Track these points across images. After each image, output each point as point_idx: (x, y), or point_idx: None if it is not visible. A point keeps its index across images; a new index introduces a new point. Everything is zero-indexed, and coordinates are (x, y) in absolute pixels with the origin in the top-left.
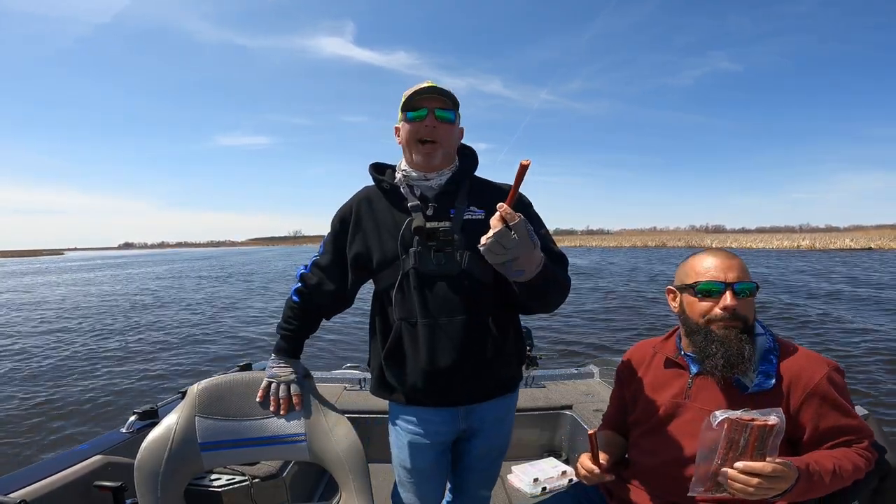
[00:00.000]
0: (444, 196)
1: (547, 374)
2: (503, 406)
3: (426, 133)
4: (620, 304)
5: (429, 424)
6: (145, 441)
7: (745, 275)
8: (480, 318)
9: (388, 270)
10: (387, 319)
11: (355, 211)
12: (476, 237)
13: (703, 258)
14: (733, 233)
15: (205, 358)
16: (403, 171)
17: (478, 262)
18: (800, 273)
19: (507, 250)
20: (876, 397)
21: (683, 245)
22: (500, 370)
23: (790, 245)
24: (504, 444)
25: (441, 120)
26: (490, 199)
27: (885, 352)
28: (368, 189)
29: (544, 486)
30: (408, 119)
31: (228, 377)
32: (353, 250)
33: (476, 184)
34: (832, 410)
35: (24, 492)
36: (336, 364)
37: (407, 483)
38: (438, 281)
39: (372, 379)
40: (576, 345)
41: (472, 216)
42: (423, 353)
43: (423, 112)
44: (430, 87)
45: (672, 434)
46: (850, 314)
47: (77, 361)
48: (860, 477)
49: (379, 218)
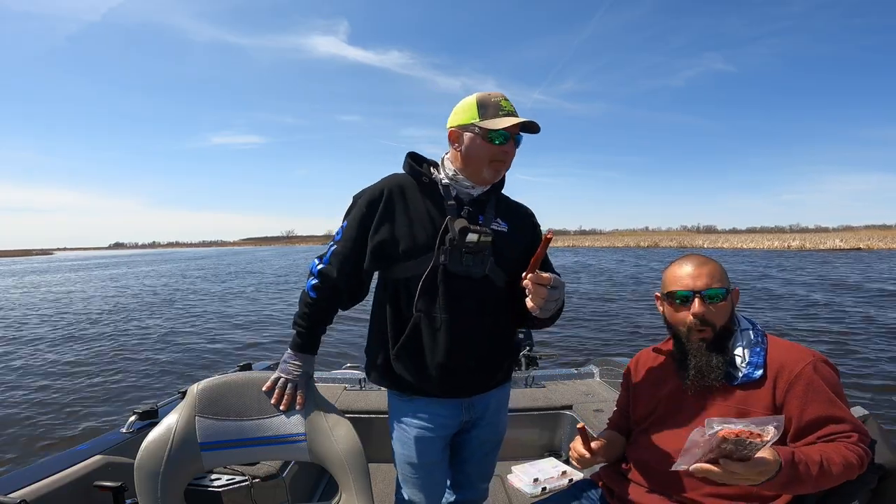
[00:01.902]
0: (477, 204)
1: (547, 374)
2: (502, 395)
3: (503, 157)
4: (621, 304)
5: (436, 417)
6: (145, 441)
7: (714, 281)
8: (496, 319)
9: (413, 262)
10: (401, 311)
11: (386, 196)
12: (500, 247)
13: (677, 266)
14: (724, 233)
15: (205, 358)
16: (452, 174)
17: (497, 271)
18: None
19: (556, 302)
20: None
21: (676, 245)
22: (504, 363)
23: (780, 245)
24: (501, 433)
25: (516, 145)
26: (513, 215)
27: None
28: (400, 177)
29: (544, 486)
30: (489, 139)
31: (229, 377)
32: (380, 236)
33: (501, 199)
34: (816, 399)
35: (24, 492)
36: (336, 364)
37: (412, 479)
38: (463, 281)
39: (372, 369)
40: (576, 345)
41: (498, 227)
42: (442, 348)
43: (506, 136)
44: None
45: (669, 429)
46: (854, 310)
47: (77, 361)
48: (851, 477)
49: (412, 208)
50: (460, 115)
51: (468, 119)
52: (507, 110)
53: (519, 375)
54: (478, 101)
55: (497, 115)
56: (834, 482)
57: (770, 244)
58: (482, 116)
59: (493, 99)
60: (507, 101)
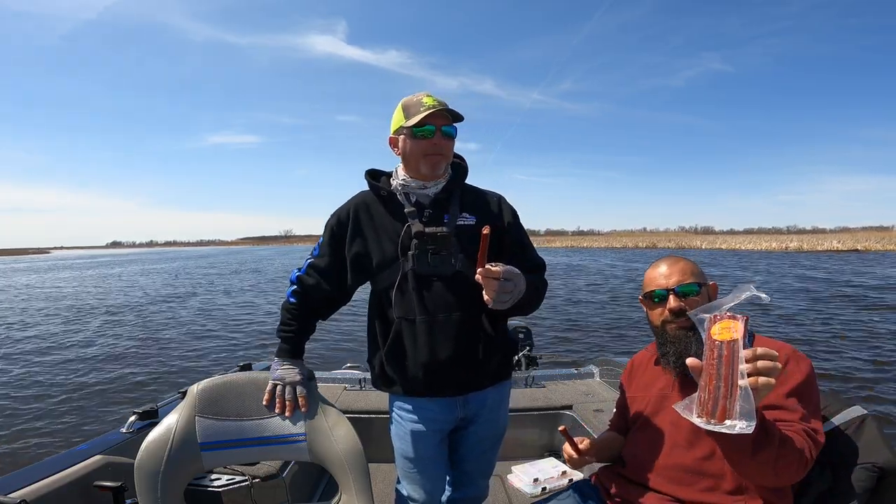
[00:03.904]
0: (438, 203)
1: (547, 374)
2: (499, 393)
3: (434, 150)
4: (621, 304)
5: (428, 412)
6: (145, 441)
7: (686, 276)
8: (473, 315)
9: (386, 272)
10: (386, 318)
11: (353, 215)
12: (468, 241)
13: (652, 268)
14: (722, 234)
15: (205, 358)
16: (403, 180)
17: (469, 265)
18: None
19: (510, 294)
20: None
21: (674, 246)
22: (492, 361)
23: (778, 247)
24: (500, 431)
25: (446, 137)
26: (480, 206)
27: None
28: (364, 194)
29: (544, 486)
30: (415, 136)
31: (228, 377)
32: (353, 252)
33: (467, 191)
34: (776, 389)
35: (24, 492)
36: (336, 364)
37: (410, 473)
38: (435, 281)
39: (372, 374)
40: (576, 345)
41: (464, 222)
42: (423, 348)
43: (430, 129)
44: (439, 108)
45: (661, 426)
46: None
47: (77, 361)
48: (800, 470)
49: (377, 222)
50: (393, 122)
51: (398, 123)
52: (429, 105)
53: (519, 375)
54: (402, 106)
55: (419, 112)
56: (789, 465)
57: (768, 245)
58: (407, 118)
59: (415, 99)
60: (430, 97)
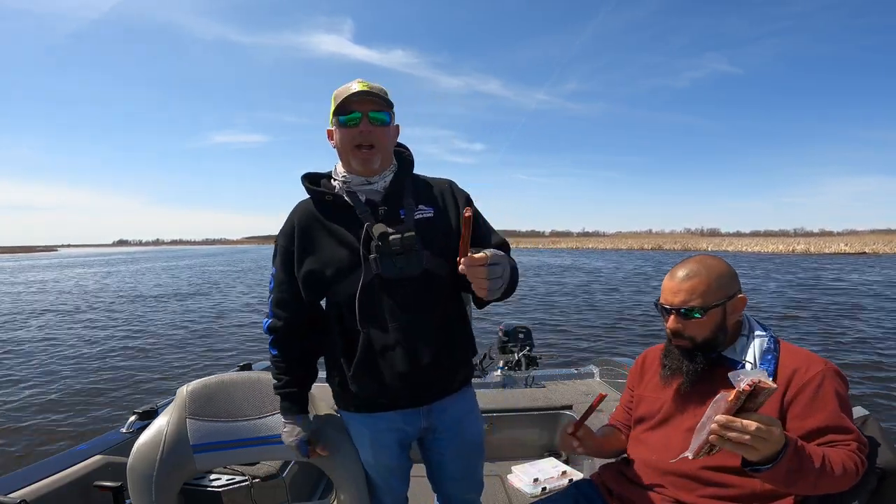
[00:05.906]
0: (391, 198)
1: (547, 374)
2: (465, 399)
3: (362, 138)
4: (621, 305)
5: (392, 422)
6: (136, 444)
7: (692, 298)
8: (444, 314)
9: (344, 282)
10: (348, 330)
11: (297, 229)
12: (430, 235)
13: (670, 274)
14: (728, 236)
15: (206, 358)
16: (343, 178)
17: (436, 261)
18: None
19: (501, 278)
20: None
21: (680, 248)
22: (465, 357)
23: (785, 249)
24: (473, 439)
25: (376, 123)
26: (434, 196)
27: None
28: (305, 203)
29: (544, 486)
30: (340, 124)
31: (219, 378)
32: (304, 269)
33: (417, 181)
34: (823, 408)
35: (24, 492)
36: None
37: (372, 481)
38: (403, 284)
39: (335, 391)
40: (576, 345)
41: (422, 215)
42: (399, 356)
43: (356, 116)
44: (362, 90)
45: (671, 430)
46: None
47: (77, 361)
48: (846, 486)
49: (328, 230)
50: (329, 116)
51: (330, 115)
52: (355, 91)
53: (519, 375)
54: (333, 97)
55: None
56: (831, 487)
57: (775, 248)
58: (335, 107)
59: (344, 87)
60: (361, 82)
